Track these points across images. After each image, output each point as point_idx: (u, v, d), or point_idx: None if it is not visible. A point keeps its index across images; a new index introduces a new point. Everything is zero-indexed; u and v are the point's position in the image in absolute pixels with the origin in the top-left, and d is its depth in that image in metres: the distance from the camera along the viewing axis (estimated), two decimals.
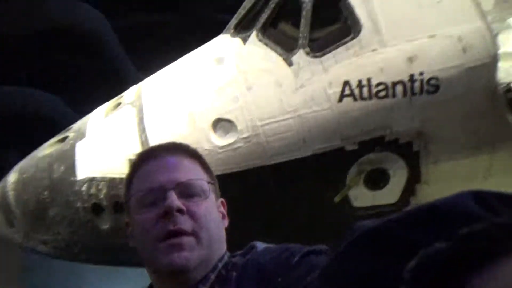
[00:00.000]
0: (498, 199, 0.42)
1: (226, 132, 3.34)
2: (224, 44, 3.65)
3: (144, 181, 1.04)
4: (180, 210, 0.96)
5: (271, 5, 3.39)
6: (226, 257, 1.02)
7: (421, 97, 3.01)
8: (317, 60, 3.21)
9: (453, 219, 0.40)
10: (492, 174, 3.31)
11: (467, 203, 0.42)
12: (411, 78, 3.01)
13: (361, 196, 3.46)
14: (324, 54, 3.19)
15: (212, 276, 0.98)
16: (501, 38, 3.56)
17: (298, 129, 3.19)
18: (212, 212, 1.03)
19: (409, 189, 3.35)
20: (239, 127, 3.28)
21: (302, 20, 3.25)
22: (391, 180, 3.31)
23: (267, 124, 3.24)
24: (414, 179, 3.32)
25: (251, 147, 3.28)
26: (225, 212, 1.15)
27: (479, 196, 0.42)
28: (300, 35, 3.25)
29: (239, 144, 3.30)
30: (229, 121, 3.31)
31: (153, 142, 3.38)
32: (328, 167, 3.30)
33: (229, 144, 3.31)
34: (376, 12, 3.12)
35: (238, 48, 3.50)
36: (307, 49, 3.24)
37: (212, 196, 1.05)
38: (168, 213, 0.96)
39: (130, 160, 3.37)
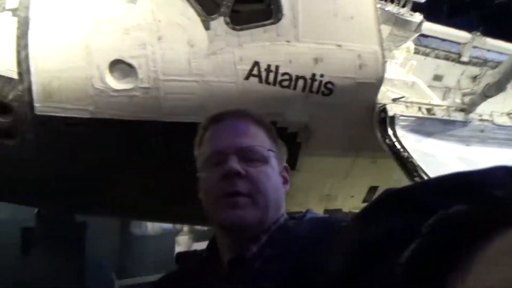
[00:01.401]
0: None
1: (124, 76, 3.03)
2: None
3: (210, 143, 1.05)
4: (238, 174, 0.97)
5: None
6: (282, 220, 0.98)
7: (316, 96, 3.24)
8: (234, 32, 3.14)
9: (478, 186, 0.41)
10: (350, 176, 3.82)
11: (495, 174, 0.42)
12: (313, 77, 3.21)
13: None
14: (242, 29, 3.14)
15: (264, 237, 0.98)
16: (386, 65, 4.10)
17: (200, 94, 3.11)
18: (271, 177, 1.02)
19: None
20: (140, 76, 3.01)
21: None
22: None
23: (171, 80, 3.06)
24: (290, 166, 3.57)
25: (148, 100, 3.06)
26: (288, 177, 1.13)
27: (510, 170, 0.45)
28: (224, 2, 3.14)
29: (136, 93, 3.03)
30: (130, 66, 3.01)
31: (34, 63, 2.86)
32: None
33: (125, 90, 3.02)
34: (298, 7, 3.20)
35: None
36: (227, 19, 3.14)
37: (273, 162, 1.04)
38: (228, 175, 0.97)
39: None
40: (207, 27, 3.09)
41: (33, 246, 4.10)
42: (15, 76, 2.76)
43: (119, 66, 2.95)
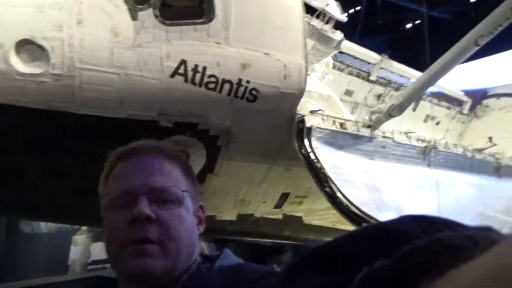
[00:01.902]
0: (437, 222, 0.51)
1: (33, 59, 2.72)
2: None
3: (118, 181, 0.95)
4: (148, 218, 0.87)
5: None
6: (194, 266, 0.89)
7: (240, 102, 3.27)
8: (163, 27, 3.02)
9: (396, 238, 0.42)
10: (265, 181, 3.94)
11: (409, 224, 0.50)
12: (239, 82, 3.24)
13: None
14: (172, 25, 3.05)
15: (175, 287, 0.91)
16: (308, 78, 4.32)
17: (120, 88, 2.92)
18: (185, 220, 0.94)
19: (201, 177, 3.58)
20: (52, 60, 2.73)
21: None
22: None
23: (88, 70, 2.83)
24: (208, 169, 3.57)
25: (59, 88, 2.78)
26: (202, 217, 1.02)
27: (417, 219, 0.50)
28: None
29: (46, 79, 2.74)
30: (41, 48, 2.72)
31: None
32: (137, 135, 3.15)
33: (33, 75, 2.71)
34: (231, 10, 3.20)
35: None
36: (157, 12, 3.02)
37: (188, 203, 0.96)
38: (137, 220, 0.87)
39: None
40: (134, 17, 2.94)
41: None
42: None
43: (28, 47, 2.66)
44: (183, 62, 3.04)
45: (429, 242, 0.41)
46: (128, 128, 3.01)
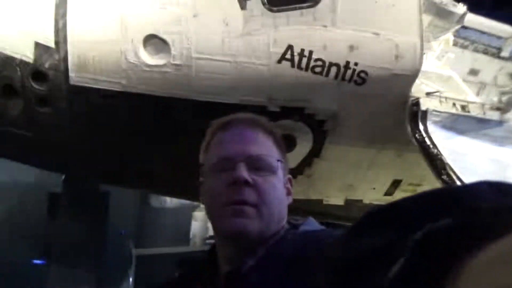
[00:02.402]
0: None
1: (158, 51, 3.05)
2: None
3: (218, 149, 1.03)
4: (246, 182, 0.95)
5: None
6: (282, 232, 0.99)
7: (348, 85, 3.18)
8: (270, 14, 3.09)
9: (463, 199, 0.42)
10: (374, 167, 3.79)
11: (479, 188, 0.43)
12: (347, 65, 3.15)
13: None
14: (279, 11, 3.09)
15: (261, 250, 0.97)
16: (423, 58, 3.98)
17: (232, 75, 3.10)
18: (277, 188, 1.00)
19: (308, 161, 3.60)
20: (173, 52, 3.02)
21: None
22: (296, 148, 3.50)
23: (203, 59, 3.06)
24: (314, 153, 3.57)
25: (179, 77, 3.07)
26: (291, 189, 1.08)
27: (494, 184, 0.44)
28: None
29: (168, 69, 3.05)
30: (164, 41, 3.02)
31: (72, 33, 2.91)
32: None
33: (158, 66, 3.04)
34: None
35: None
36: (264, 0, 3.12)
37: (280, 173, 1.02)
38: (236, 183, 0.96)
39: (36, 43, 2.89)
40: (243, 7, 3.05)
41: (59, 211, 4.26)
42: (52, 45, 2.81)
43: (153, 41, 2.97)
44: (289, 47, 3.07)
45: (494, 206, 0.40)
46: (239, 112, 3.17)
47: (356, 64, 3.12)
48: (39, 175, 5.21)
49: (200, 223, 6.84)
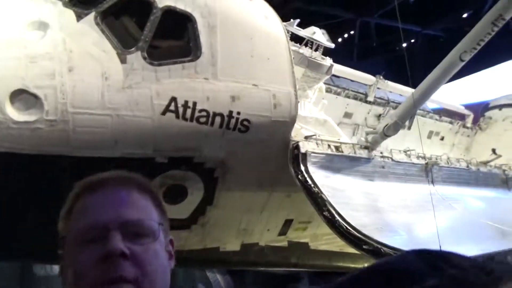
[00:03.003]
0: (440, 256, 0.46)
1: (28, 107, 2.79)
2: (51, 10, 3.13)
3: (85, 215, 0.85)
4: (123, 255, 0.78)
5: None
6: None
7: (233, 133, 3.29)
8: (152, 67, 3.09)
9: (406, 279, 0.42)
10: (266, 209, 3.89)
11: (415, 262, 0.45)
12: (230, 114, 3.26)
13: None
14: (160, 65, 3.12)
15: None
16: (299, 104, 4.32)
17: (114, 129, 2.97)
18: (160, 255, 0.86)
19: (201, 209, 3.54)
20: (46, 107, 2.80)
21: (148, 24, 3.11)
22: (188, 198, 3.43)
23: (81, 113, 2.89)
24: (207, 201, 3.55)
25: (54, 133, 2.84)
26: (172, 252, 0.95)
27: (423, 255, 0.46)
28: (142, 37, 3.09)
29: (40, 125, 2.80)
30: (35, 96, 2.80)
31: None
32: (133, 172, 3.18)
33: (27, 122, 2.77)
34: (217, 46, 3.27)
35: (70, 23, 3.04)
36: (145, 54, 3.10)
37: (161, 237, 0.88)
38: (110, 257, 0.78)
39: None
40: (123, 60, 3.01)
41: None
42: None
43: (22, 97, 2.73)
44: (173, 99, 3.08)
45: (443, 280, 0.41)
46: (124, 166, 3.02)
47: (238, 113, 3.25)
48: None
49: None
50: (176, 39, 3.31)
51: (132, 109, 2.98)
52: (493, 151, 6.34)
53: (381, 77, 6.45)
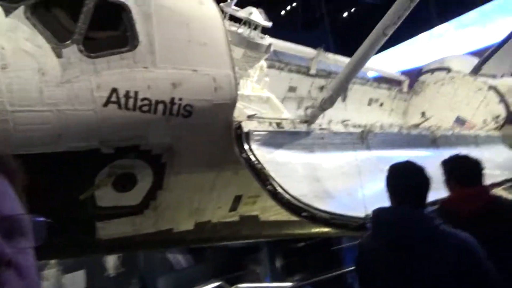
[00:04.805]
0: None
1: None
2: None
3: None
4: (8, 263, 0.63)
5: None
6: None
7: (176, 118, 3.46)
8: (89, 60, 3.16)
9: None
10: (216, 188, 4.15)
11: None
12: (172, 101, 3.42)
13: (106, 197, 3.59)
14: (98, 57, 3.18)
15: None
16: (242, 83, 4.54)
17: (56, 124, 3.05)
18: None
19: (151, 194, 3.74)
20: None
21: (82, 16, 3.15)
22: (138, 184, 3.60)
23: (20, 111, 2.94)
24: (157, 186, 3.73)
25: None
26: None
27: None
28: (77, 30, 3.14)
29: None
30: None
31: None
32: (80, 165, 3.28)
33: None
34: (154, 34, 3.38)
35: None
36: (81, 47, 3.15)
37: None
38: None
39: None
40: (59, 55, 3.07)
41: None
42: None
43: None
44: (114, 90, 3.19)
45: None
46: (70, 159, 3.14)
47: (180, 99, 3.42)
48: None
49: (53, 281, 6.26)
50: (112, 30, 3.38)
51: (73, 103, 3.07)
52: (423, 114, 6.95)
53: (322, 49, 6.78)
